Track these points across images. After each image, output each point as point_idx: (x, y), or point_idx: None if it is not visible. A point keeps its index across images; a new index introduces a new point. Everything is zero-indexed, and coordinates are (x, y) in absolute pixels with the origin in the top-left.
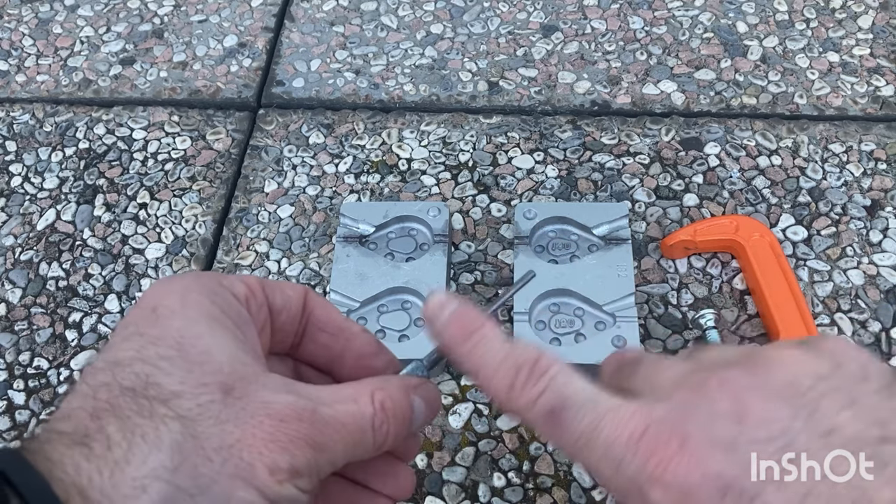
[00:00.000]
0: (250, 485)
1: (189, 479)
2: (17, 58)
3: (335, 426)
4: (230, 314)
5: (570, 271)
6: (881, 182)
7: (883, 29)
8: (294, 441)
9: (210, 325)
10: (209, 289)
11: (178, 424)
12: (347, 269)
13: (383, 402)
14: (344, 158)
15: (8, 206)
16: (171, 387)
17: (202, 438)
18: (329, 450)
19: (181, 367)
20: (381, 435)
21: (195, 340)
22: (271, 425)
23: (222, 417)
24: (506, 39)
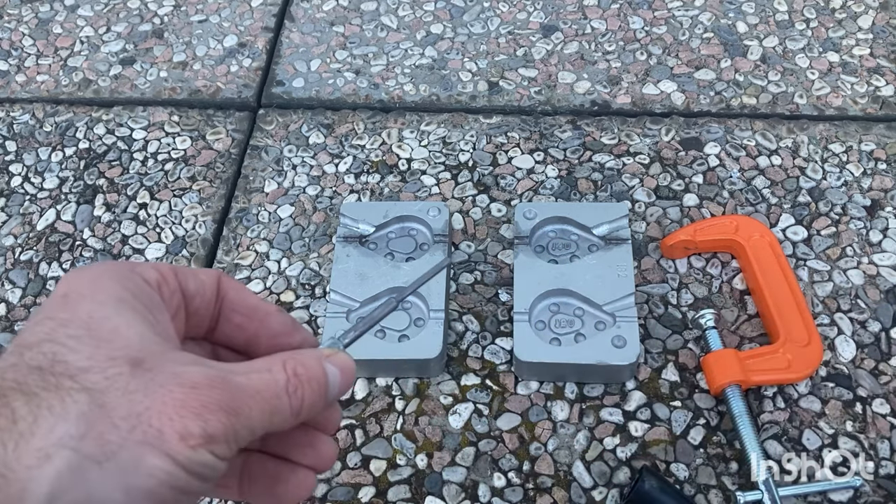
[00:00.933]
0: (159, 450)
1: (95, 447)
2: (17, 58)
3: (249, 392)
4: (141, 298)
5: (570, 271)
6: (881, 182)
7: (883, 29)
8: (206, 406)
9: (119, 307)
10: (120, 274)
11: (85, 396)
12: (347, 269)
13: (295, 369)
14: (344, 158)
15: (8, 206)
16: (78, 363)
17: (109, 408)
18: (244, 415)
19: (89, 344)
20: (296, 400)
21: (104, 321)
22: (182, 392)
23: (130, 388)
24: (506, 39)
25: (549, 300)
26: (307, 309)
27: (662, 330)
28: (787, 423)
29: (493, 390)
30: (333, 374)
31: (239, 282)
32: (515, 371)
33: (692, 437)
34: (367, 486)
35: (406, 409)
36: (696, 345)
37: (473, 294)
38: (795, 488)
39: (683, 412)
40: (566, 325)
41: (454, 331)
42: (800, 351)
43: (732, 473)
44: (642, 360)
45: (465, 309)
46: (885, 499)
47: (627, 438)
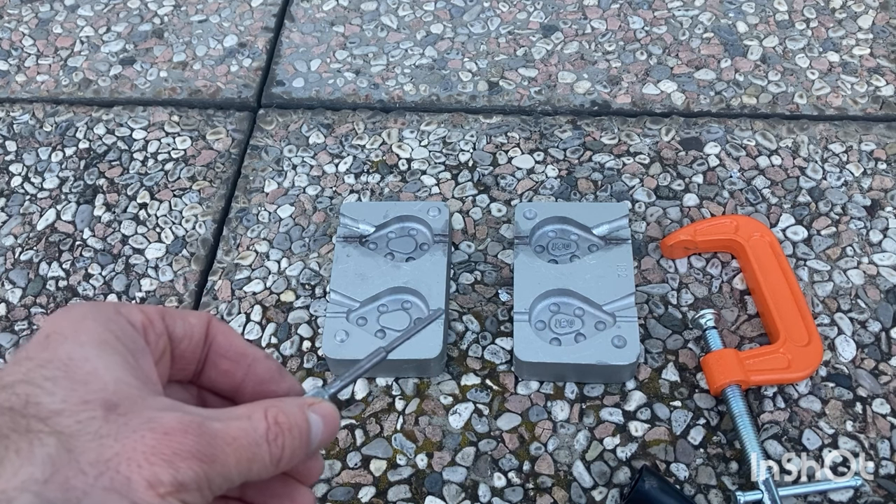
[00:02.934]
0: (126, 498)
1: (59, 492)
2: (17, 58)
3: (225, 439)
4: (124, 340)
5: (570, 271)
6: (881, 182)
7: (883, 29)
8: (178, 454)
9: (100, 350)
10: (105, 316)
11: (54, 440)
12: (347, 269)
13: (276, 417)
14: (344, 158)
15: (8, 206)
16: (51, 405)
17: (77, 453)
18: (220, 462)
19: (65, 386)
20: (276, 449)
21: (83, 363)
22: (154, 438)
23: (102, 433)
24: (506, 39)
25: (549, 300)
26: (307, 309)
27: (662, 330)
28: (787, 423)
29: (493, 390)
30: (316, 423)
31: (228, 326)
32: (515, 371)
33: (692, 437)
34: (367, 486)
35: (406, 409)
36: (696, 345)
37: (473, 294)
38: (795, 488)
39: (683, 412)
40: (566, 325)
41: (454, 331)
42: (800, 351)
43: (732, 473)
44: (642, 360)
45: (465, 309)
46: (885, 499)
47: (627, 438)
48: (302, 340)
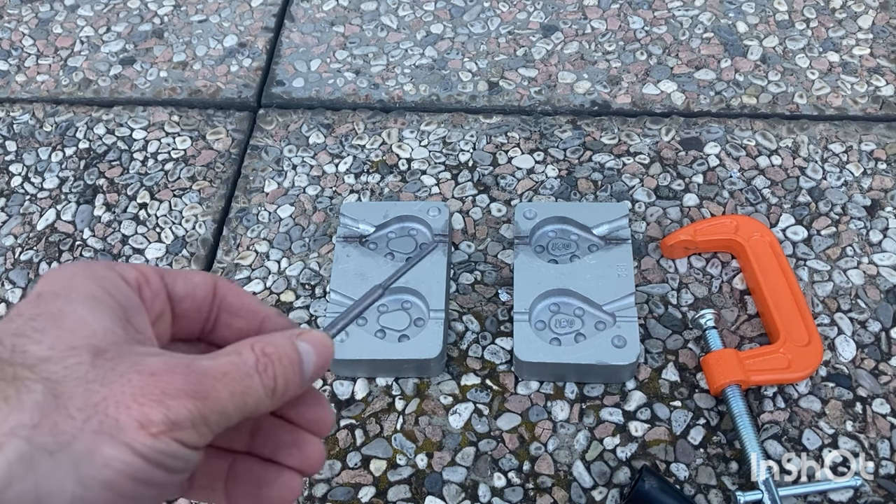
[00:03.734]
0: (116, 440)
1: (48, 436)
2: (17, 58)
3: (215, 375)
4: (115, 296)
5: (570, 271)
6: (881, 182)
7: (883, 29)
8: (167, 393)
9: (90, 303)
10: (96, 273)
11: (41, 386)
12: (347, 269)
13: (264, 349)
14: (344, 158)
15: (8, 206)
16: (38, 353)
17: (65, 398)
18: (213, 398)
19: (52, 334)
20: (268, 378)
21: (71, 314)
22: (141, 380)
23: (89, 378)
24: (506, 39)
25: (549, 300)
26: (307, 309)
27: (662, 330)
28: (787, 423)
29: (493, 390)
30: (307, 351)
31: (237, 284)
32: (515, 371)
33: (692, 437)
34: (367, 486)
35: (406, 409)
36: (696, 345)
37: (473, 294)
38: (795, 488)
39: (683, 412)
40: (566, 325)
41: (454, 331)
42: (800, 351)
43: (732, 473)
44: (642, 360)
45: (465, 309)
46: (885, 499)
47: (627, 438)
48: None
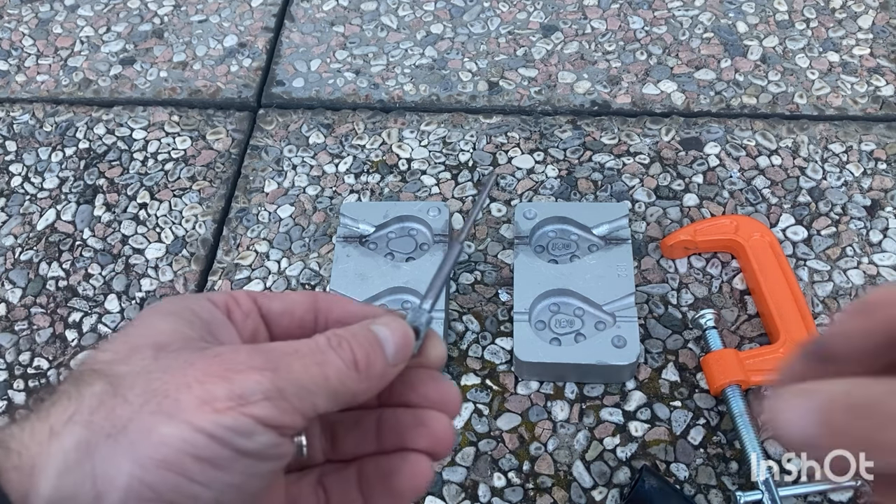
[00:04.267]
0: (175, 418)
1: (105, 421)
2: (17, 58)
3: (284, 350)
4: (199, 313)
5: (570, 271)
6: (881, 182)
7: (883, 29)
8: (232, 369)
9: (164, 315)
10: (184, 297)
11: (102, 381)
12: (347, 269)
13: (335, 331)
14: (344, 158)
15: (8, 206)
16: (103, 357)
17: (124, 387)
18: (284, 369)
19: (119, 341)
20: (345, 352)
21: (142, 325)
22: (205, 363)
23: (150, 369)
24: (506, 39)
25: (549, 300)
26: None
27: (662, 330)
28: None
29: (493, 390)
30: (382, 331)
31: (339, 296)
32: (515, 371)
33: (692, 437)
34: None
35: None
36: (696, 345)
37: (473, 294)
38: (795, 488)
39: (683, 412)
40: (566, 325)
41: (454, 331)
42: None
43: (732, 473)
44: (642, 360)
45: (465, 309)
46: None
47: (627, 438)
48: None
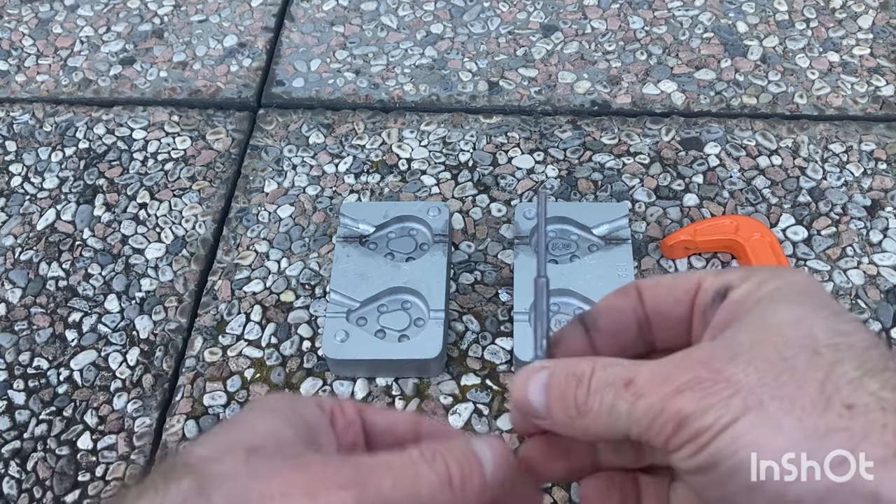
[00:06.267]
0: None
1: None
2: (17, 58)
3: (374, 464)
4: (303, 413)
5: (570, 271)
6: (881, 182)
7: (883, 29)
8: (317, 483)
9: (268, 413)
10: (292, 397)
11: (191, 478)
12: (347, 269)
13: (430, 444)
14: (344, 158)
15: (8, 206)
16: (198, 453)
17: (211, 489)
18: (373, 485)
19: (217, 437)
20: (440, 466)
21: (243, 421)
22: (291, 474)
23: (239, 473)
24: (506, 39)
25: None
26: (307, 309)
27: None
28: None
29: (493, 390)
30: (481, 448)
31: (442, 424)
32: (515, 371)
33: None
34: None
35: (406, 409)
36: None
37: (473, 294)
38: None
39: None
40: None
41: (454, 331)
42: None
43: None
44: None
45: (465, 309)
46: None
47: None
48: (302, 340)
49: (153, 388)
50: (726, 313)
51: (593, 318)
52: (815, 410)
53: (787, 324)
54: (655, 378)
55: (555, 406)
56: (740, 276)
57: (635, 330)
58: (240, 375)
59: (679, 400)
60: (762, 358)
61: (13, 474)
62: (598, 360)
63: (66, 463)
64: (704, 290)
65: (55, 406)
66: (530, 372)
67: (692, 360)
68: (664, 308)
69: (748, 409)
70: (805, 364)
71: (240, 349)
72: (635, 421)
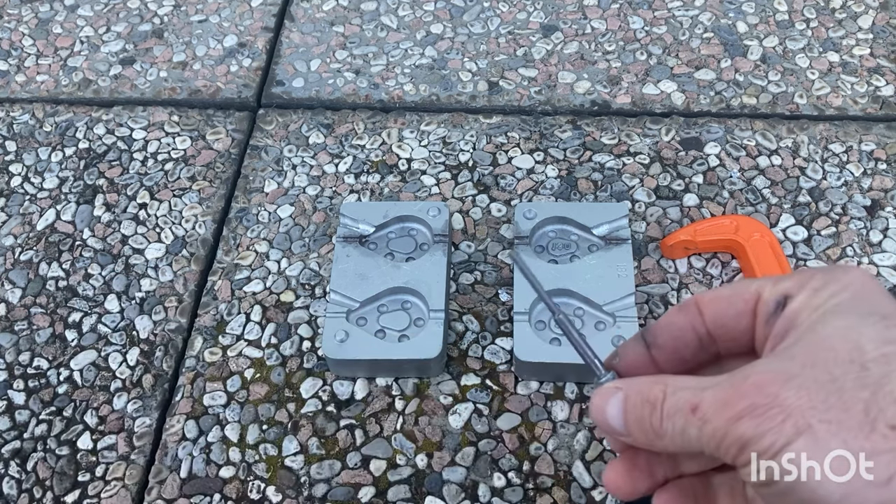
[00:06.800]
0: None
1: None
2: (17, 58)
3: None
4: None
5: (570, 271)
6: (881, 182)
7: (883, 29)
8: None
9: None
10: None
11: None
12: (347, 269)
13: None
14: (344, 158)
15: (8, 206)
16: None
17: None
18: None
19: None
20: None
21: None
22: None
23: None
24: (506, 39)
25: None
26: (307, 309)
27: None
28: None
29: (493, 390)
30: None
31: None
32: (515, 371)
33: None
34: (367, 486)
35: (406, 409)
36: None
37: (473, 294)
38: None
39: None
40: None
41: (454, 331)
42: None
43: None
44: None
45: (465, 309)
46: None
47: None
48: (302, 340)
49: (153, 388)
50: (784, 322)
51: (654, 335)
52: (861, 433)
53: (836, 336)
54: (718, 403)
55: (633, 428)
56: (797, 284)
57: (696, 344)
58: (240, 375)
59: (739, 426)
60: (812, 379)
61: (13, 474)
62: (668, 383)
63: (66, 463)
64: (765, 301)
65: (55, 406)
66: (605, 395)
67: (749, 385)
68: (725, 321)
69: (799, 433)
70: (852, 384)
71: (240, 349)
72: (705, 443)
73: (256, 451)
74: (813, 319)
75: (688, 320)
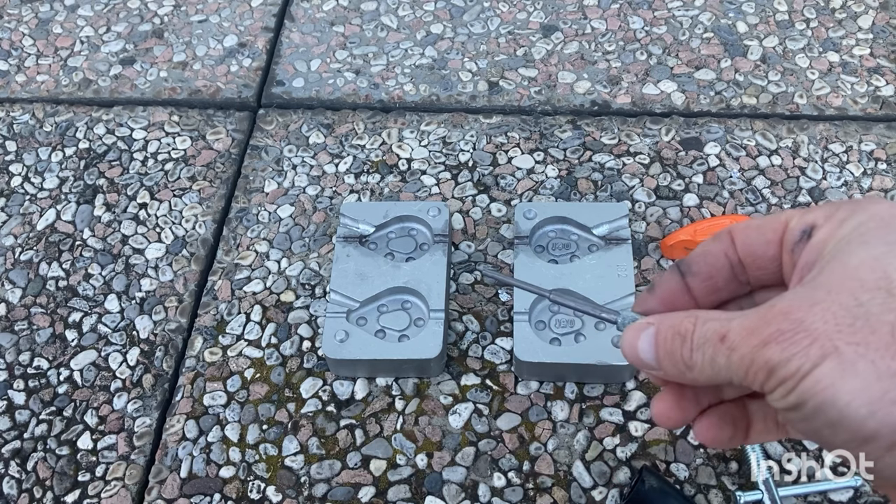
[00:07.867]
0: None
1: None
2: (17, 58)
3: None
4: None
5: (570, 271)
6: (881, 182)
7: (883, 29)
8: None
9: None
10: None
11: None
12: (347, 269)
13: None
14: (344, 158)
15: (8, 206)
16: None
17: None
18: None
19: None
20: None
21: None
22: None
23: None
24: (506, 39)
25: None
26: (307, 309)
27: None
28: None
29: (493, 390)
30: None
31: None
32: (515, 371)
33: (692, 437)
34: (367, 486)
35: (406, 409)
36: None
37: (473, 294)
38: (795, 488)
39: None
40: (566, 325)
41: (454, 331)
42: None
43: (732, 473)
44: None
45: (465, 309)
46: (884, 499)
47: (627, 438)
48: (302, 340)
49: (153, 388)
50: (811, 252)
51: (688, 264)
52: (888, 353)
53: (863, 265)
54: (745, 331)
55: (664, 361)
56: (824, 215)
57: (728, 272)
58: (240, 375)
59: (766, 351)
60: (838, 304)
61: (13, 474)
62: (698, 315)
63: (66, 463)
64: (791, 229)
65: (55, 406)
66: (638, 329)
67: (775, 312)
68: (755, 249)
69: (825, 355)
70: (879, 308)
71: (240, 349)
72: (733, 372)
73: (256, 451)
74: (839, 249)
75: (721, 248)
